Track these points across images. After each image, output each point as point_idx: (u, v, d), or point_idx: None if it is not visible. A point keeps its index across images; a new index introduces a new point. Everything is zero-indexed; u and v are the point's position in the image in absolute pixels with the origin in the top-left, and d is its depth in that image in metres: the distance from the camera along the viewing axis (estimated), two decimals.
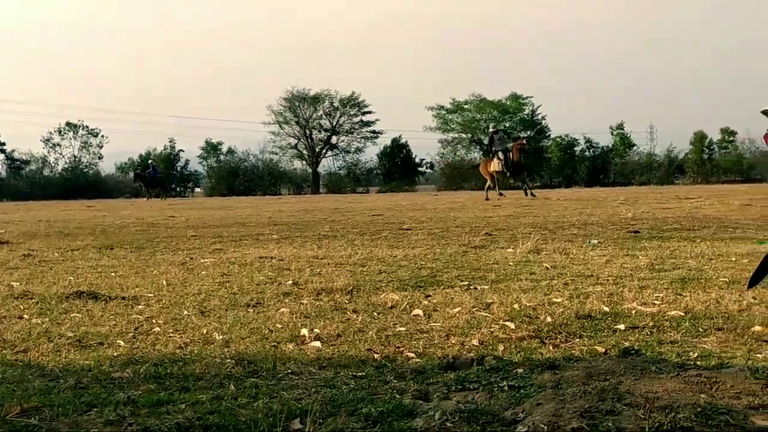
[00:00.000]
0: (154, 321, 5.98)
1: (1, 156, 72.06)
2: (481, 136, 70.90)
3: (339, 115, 74.13)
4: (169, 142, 72.71)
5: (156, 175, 54.92)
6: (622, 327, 5.33)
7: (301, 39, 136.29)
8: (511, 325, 5.41)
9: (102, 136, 73.39)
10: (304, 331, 5.39)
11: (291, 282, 7.76)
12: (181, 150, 72.80)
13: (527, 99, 71.83)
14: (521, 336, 5.11)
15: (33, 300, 7.00)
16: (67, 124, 72.71)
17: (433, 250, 10.62)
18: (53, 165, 72.45)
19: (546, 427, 3.11)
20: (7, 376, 4.37)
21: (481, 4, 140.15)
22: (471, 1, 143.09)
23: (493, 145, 32.78)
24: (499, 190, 32.08)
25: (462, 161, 70.57)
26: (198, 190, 73.31)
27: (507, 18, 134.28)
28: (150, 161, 62.02)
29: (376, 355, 4.74)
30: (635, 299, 6.30)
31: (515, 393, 3.61)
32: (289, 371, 4.37)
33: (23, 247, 12.74)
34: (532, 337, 5.09)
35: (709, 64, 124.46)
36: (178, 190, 70.85)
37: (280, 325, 5.67)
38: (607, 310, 5.90)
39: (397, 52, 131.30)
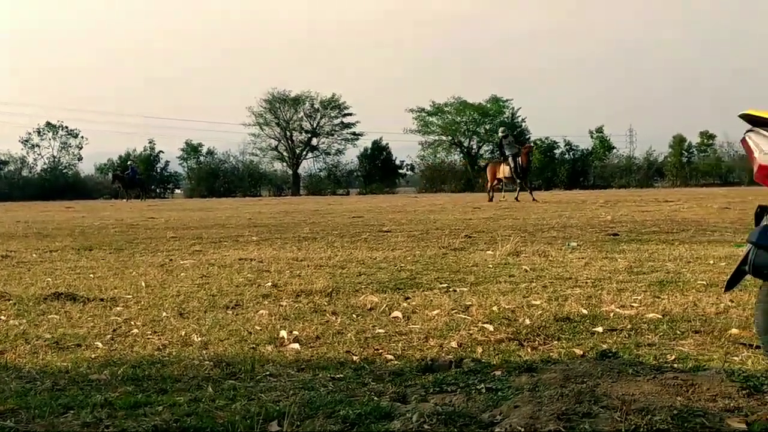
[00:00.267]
0: (133, 323, 5.96)
1: None
2: (462, 138, 71.08)
3: (320, 116, 74.04)
4: (149, 143, 72.49)
5: (135, 176, 54.70)
6: (600, 329, 5.35)
7: (281, 40, 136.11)
8: (490, 328, 5.42)
9: (81, 137, 73.05)
10: (283, 333, 5.39)
11: (270, 284, 7.75)
12: (161, 151, 72.60)
13: (507, 102, 72.01)
14: (500, 338, 5.12)
15: (10, 301, 6.96)
16: (47, 125, 72.30)
17: (412, 253, 10.63)
18: (32, 166, 72.03)
19: (523, 429, 3.12)
20: None
21: (462, 7, 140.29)
22: (452, 3, 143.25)
23: (503, 149, 32.66)
24: (504, 193, 32.00)
25: (442, 163, 70.62)
26: (178, 191, 73.02)
27: (487, 21, 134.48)
28: (129, 162, 61.75)
29: (354, 357, 4.74)
30: (613, 302, 6.33)
31: (493, 395, 3.62)
32: (268, 373, 4.37)
33: (1, 248, 12.68)
34: (510, 340, 5.10)
35: (689, 68, 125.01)
36: (158, 191, 70.53)
37: (258, 327, 5.66)
38: (585, 312, 5.92)
39: (377, 54, 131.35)
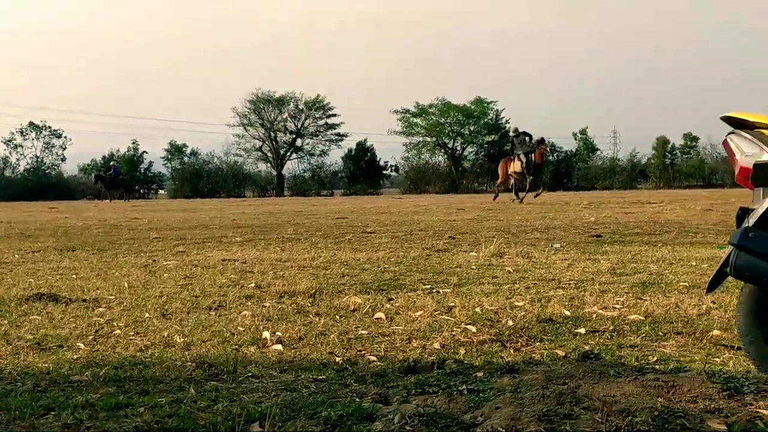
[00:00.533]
0: (115, 323, 5.95)
1: None
2: (446, 140, 71.11)
3: (304, 117, 73.94)
4: (133, 143, 72.23)
5: (117, 177, 54.55)
6: (582, 331, 5.37)
7: (265, 41, 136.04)
8: (473, 329, 5.43)
9: (65, 137, 72.80)
10: (266, 334, 5.38)
11: (254, 285, 7.74)
12: (145, 151, 72.38)
13: (491, 103, 72.06)
14: (482, 339, 5.13)
15: None
16: (30, 125, 72.00)
17: (396, 254, 10.63)
18: (15, 166, 71.67)
19: (504, 430, 3.12)
20: None
21: (447, 9, 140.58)
22: (437, 5, 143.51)
23: (514, 148, 32.08)
24: (516, 192, 31.47)
25: (426, 164, 70.66)
26: (162, 192, 72.78)
27: (472, 23, 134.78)
28: (112, 163, 61.53)
29: (337, 359, 4.74)
30: (596, 303, 6.35)
31: (474, 396, 3.62)
32: (250, 374, 4.36)
33: None
34: (493, 341, 5.11)
35: (673, 70, 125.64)
36: (142, 191, 70.29)
37: (242, 328, 5.66)
38: (568, 313, 5.94)
39: (362, 55, 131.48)
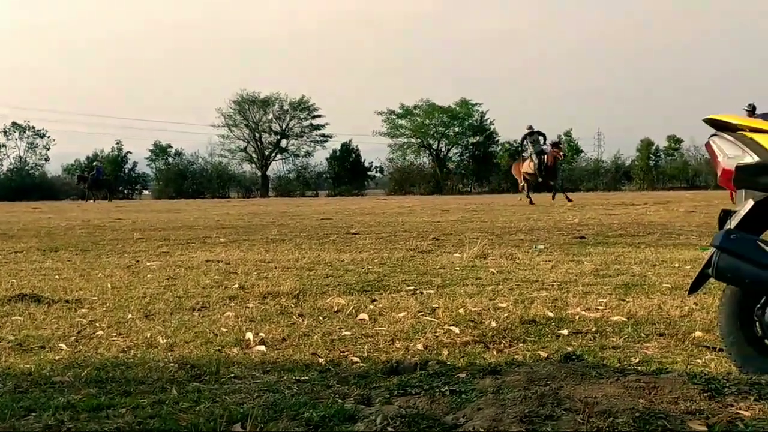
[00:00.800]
0: (98, 324, 5.93)
1: None
2: (431, 141, 71.16)
3: (289, 118, 73.93)
4: (117, 143, 72.00)
5: (100, 177, 54.37)
6: (565, 332, 5.38)
7: (249, 40, 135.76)
8: (456, 330, 5.44)
9: (49, 137, 72.55)
10: (249, 335, 5.38)
11: (237, 285, 7.73)
12: (129, 152, 72.16)
13: (476, 105, 72.12)
14: (466, 341, 5.14)
15: None
16: (13, 125, 71.72)
17: (380, 255, 10.64)
18: None
19: (485, 431, 3.13)
20: None
21: (431, 9, 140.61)
22: (421, 6, 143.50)
23: (524, 146, 31.51)
24: (529, 195, 30.69)
25: (411, 166, 70.72)
26: (146, 192, 72.58)
27: (457, 23, 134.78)
28: (95, 163, 61.36)
29: (320, 360, 4.74)
30: (579, 304, 6.37)
31: (457, 398, 3.62)
32: (233, 375, 4.36)
33: None
34: (476, 342, 5.12)
35: (657, 72, 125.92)
36: (126, 192, 70.10)
37: (225, 329, 5.65)
38: (551, 315, 5.95)
39: (346, 56, 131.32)
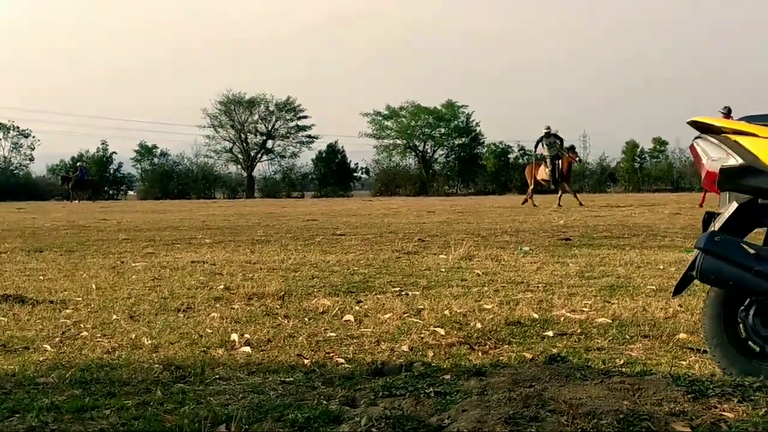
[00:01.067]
0: (82, 325, 5.92)
1: None
2: (416, 142, 71.17)
3: (275, 119, 73.76)
4: (102, 144, 71.68)
5: (84, 177, 54.20)
6: (550, 334, 5.39)
7: (236, 40, 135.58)
8: (442, 332, 5.45)
9: (33, 137, 72.21)
10: (234, 336, 5.37)
11: (222, 286, 7.73)
12: (114, 152, 71.86)
13: (462, 107, 72.11)
14: (451, 342, 5.14)
15: None
16: None
17: (366, 256, 10.64)
18: None
19: None
20: None
21: (418, 12, 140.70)
22: (407, 7, 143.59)
23: (540, 147, 30.59)
24: (531, 198, 29.88)
25: (397, 167, 70.68)
26: (131, 193, 72.25)
27: (444, 26, 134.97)
28: (78, 163, 61.17)
29: (305, 361, 4.74)
30: (564, 306, 6.38)
31: (441, 399, 3.63)
32: (218, 377, 4.35)
33: None
34: (461, 344, 5.13)
35: (642, 74, 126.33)
36: (111, 193, 69.80)
37: (210, 330, 5.64)
38: (536, 316, 5.96)
39: (332, 56, 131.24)
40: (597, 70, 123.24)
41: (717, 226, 4.18)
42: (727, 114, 22.36)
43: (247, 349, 5.06)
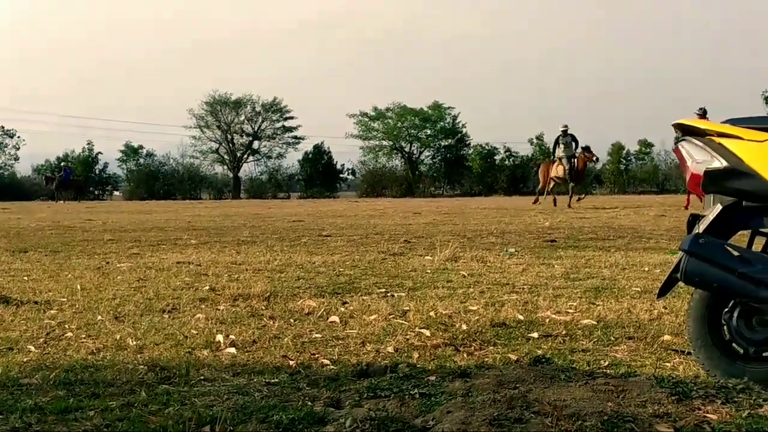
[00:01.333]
0: (67, 326, 5.90)
1: None
2: (403, 144, 71.19)
3: (261, 120, 73.72)
4: (87, 144, 71.45)
5: (68, 178, 54.05)
6: (535, 335, 5.40)
7: (222, 40, 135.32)
8: (427, 333, 5.45)
9: (18, 137, 71.93)
10: (220, 338, 5.37)
11: (208, 287, 7.71)
12: (100, 152, 71.64)
13: (449, 109, 72.14)
14: (436, 343, 5.14)
15: None
16: None
17: (352, 257, 10.64)
18: None
19: None
20: None
21: (404, 13, 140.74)
22: (394, 8, 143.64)
23: (558, 147, 30.53)
24: (554, 197, 29.79)
25: (383, 168, 70.70)
26: (117, 193, 72.07)
27: (430, 27, 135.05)
28: (62, 164, 61.00)
29: (291, 362, 4.74)
30: (549, 308, 6.39)
31: (426, 401, 3.63)
32: (202, 378, 4.35)
33: None
34: (446, 345, 5.13)
35: (627, 76, 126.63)
36: (96, 193, 69.58)
37: (195, 331, 5.63)
38: (521, 318, 5.97)
39: (319, 57, 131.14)
40: (582, 72, 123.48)
41: (701, 228, 4.20)
42: (702, 115, 22.43)
43: (232, 350, 5.06)
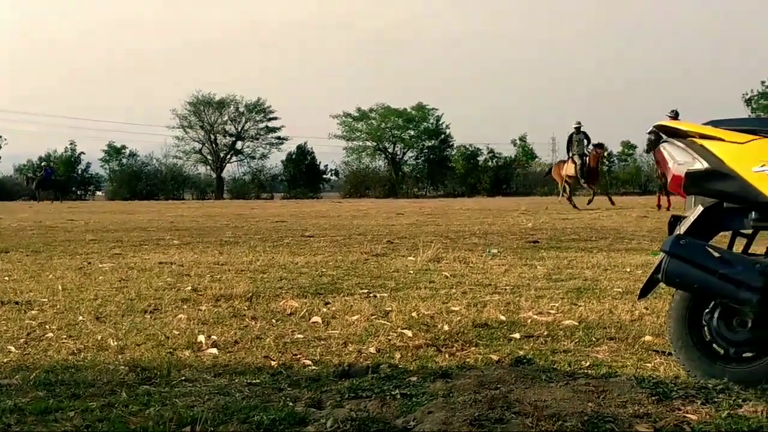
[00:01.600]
0: (48, 326, 5.88)
1: None
2: (386, 144, 71.16)
3: (244, 120, 73.47)
4: (70, 144, 71.09)
5: (48, 177, 53.84)
6: (517, 336, 5.41)
7: (205, 40, 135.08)
8: (409, 333, 5.45)
9: (0, 137, 71.56)
10: (201, 338, 5.36)
11: (190, 288, 7.69)
12: (82, 152, 71.30)
13: (432, 110, 72.11)
14: (418, 344, 5.15)
15: None
16: None
17: (334, 258, 10.63)
18: None
19: None
20: None
21: (387, 14, 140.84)
22: (378, 10, 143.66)
23: (570, 146, 29.95)
24: (571, 199, 28.78)
25: (366, 169, 70.61)
26: (99, 193, 71.73)
27: (413, 28, 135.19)
28: (43, 164, 60.80)
29: (272, 363, 4.74)
30: (531, 308, 6.40)
31: (407, 401, 3.63)
32: (184, 378, 4.34)
33: None
34: (428, 345, 5.13)
35: (610, 77, 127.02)
36: (79, 193, 69.27)
37: (177, 332, 5.62)
38: (503, 318, 5.98)
39: (302, 58, 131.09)
40: (565, 74, 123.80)
41: (683, 229, 4.22)
42: (673, 117, 22.49)
43: (214, 350, 5.05)
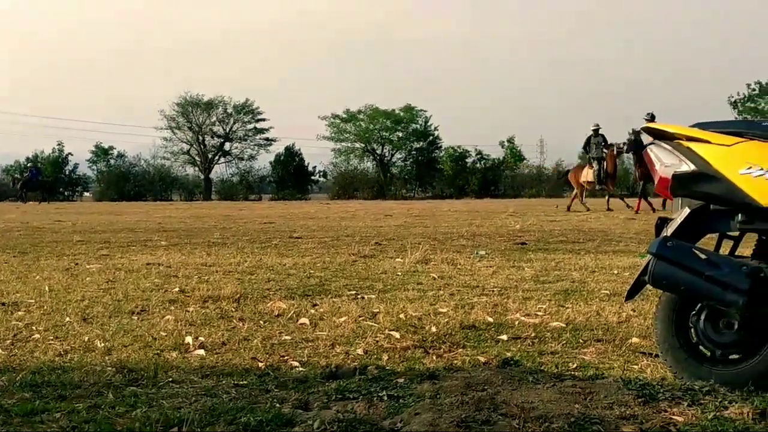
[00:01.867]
0: (34, 328, 5.86)
1: None
2: (375, 146, 71.16)
3: (233, 121, 73.35)
4: (57, 145, 70.90)
5: (35, 178, 53.72)
6: (505, 337, 5.42)
7: (194, 41, 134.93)
8: (397, 335, 5.45)
9: None
10: (189, 339, 5.35)
11: (177, 289, 7.68)
12: (70, 153, 71.10)
13: (421, 111, 72.12)
14: (406, 346, 5.15)
15: None
16: None
17: (322, 259, 10.62)
18: None
19: None
20: None
21: (376, 15, 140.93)
22: (366, 10, 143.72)
23: (589, 149, 29.99)
24: (586, 204, 29.41)
25: (355, 170, 70.56)
26: (87, 194, 71.53)
27: (401, 28, 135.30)
28: (29, 164, 60.70)
29: (260, 364, 4.73)
30: (519, 310, 6.41)
31: (394, 403, 3.64)
32: (171, 380, 4.33)
33: None
34: (416, 347, 5.14)
35: (599, 79, 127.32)
36: (66, 194, 69.06)
37: (164, 333, 5.61)
38: (491, 320, 5.99)
39: (291, 58, 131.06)
40: (554, 76, 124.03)
41: (669, 231, 4.23)
42: (650, 120, 22.56)
43: (201, 352, 5.05)
